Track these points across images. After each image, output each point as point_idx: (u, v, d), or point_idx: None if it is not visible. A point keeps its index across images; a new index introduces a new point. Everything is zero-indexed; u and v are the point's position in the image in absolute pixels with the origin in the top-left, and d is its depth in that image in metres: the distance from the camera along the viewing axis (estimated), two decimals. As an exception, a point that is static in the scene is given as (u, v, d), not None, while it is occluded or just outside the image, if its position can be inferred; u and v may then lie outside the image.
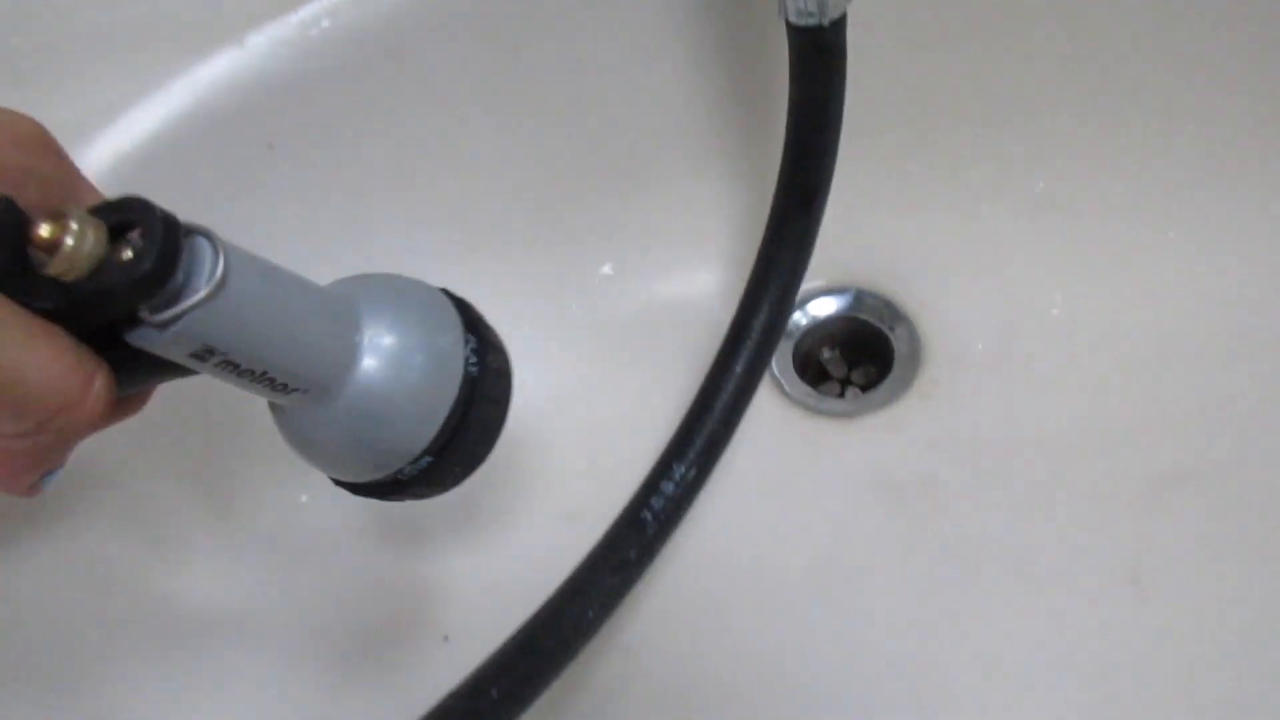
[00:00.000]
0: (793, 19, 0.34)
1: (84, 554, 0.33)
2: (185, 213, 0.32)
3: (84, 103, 0.34)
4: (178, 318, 0.20)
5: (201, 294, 0.20)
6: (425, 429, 0.24)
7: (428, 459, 0.25)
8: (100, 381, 0.21)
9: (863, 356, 0.46)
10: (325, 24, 0.36)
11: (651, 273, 0.44)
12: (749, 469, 0.41)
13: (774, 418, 0.43)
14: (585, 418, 0.43)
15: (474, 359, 0.25)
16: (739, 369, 0.36)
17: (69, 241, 0.19)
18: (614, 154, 0.43)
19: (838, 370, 0.46)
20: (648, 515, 0.34)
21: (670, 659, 0.38)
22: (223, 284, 0.20)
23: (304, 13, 0.36)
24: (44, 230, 0.19)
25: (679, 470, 0.35)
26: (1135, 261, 0.42)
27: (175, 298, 0.20)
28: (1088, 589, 0.38)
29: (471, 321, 0.26)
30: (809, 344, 0.46)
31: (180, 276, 0.20)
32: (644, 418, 0.41)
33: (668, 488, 0.34)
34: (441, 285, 0.27)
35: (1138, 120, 0.41)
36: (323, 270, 0.34)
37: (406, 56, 0.37)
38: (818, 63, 0.35)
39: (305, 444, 0.25)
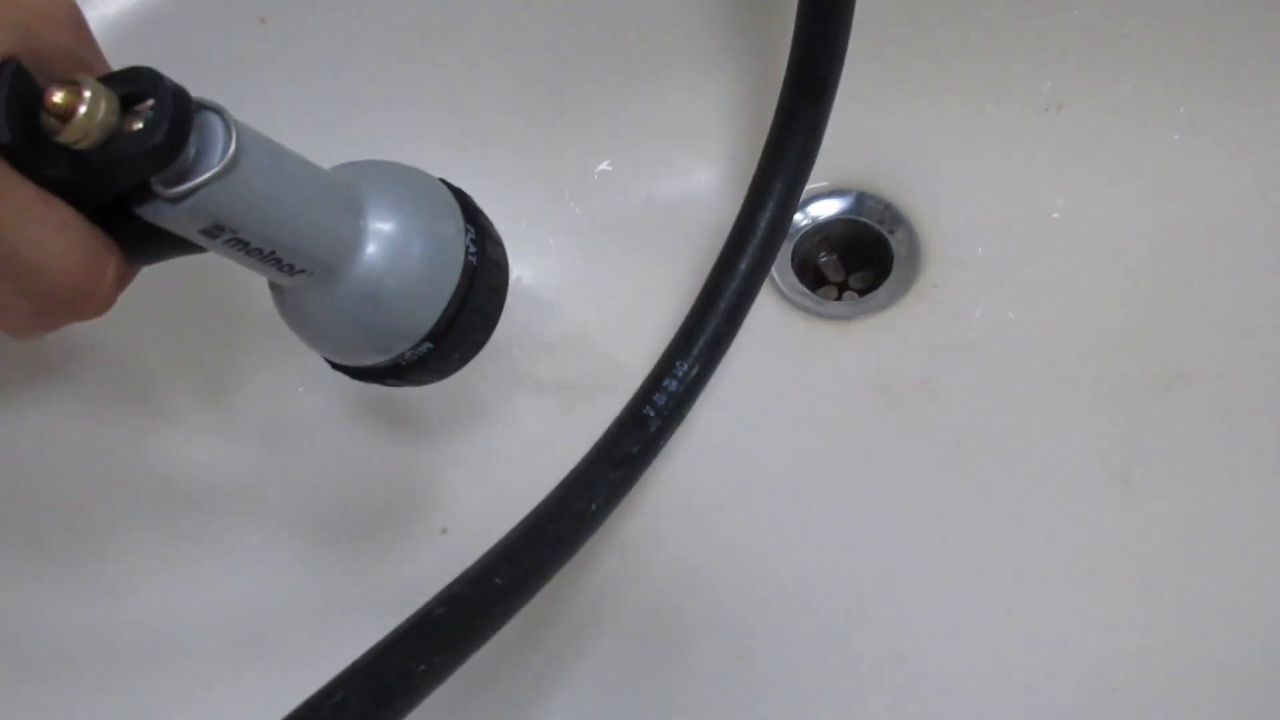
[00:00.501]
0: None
1: (79, 420, 0.32)
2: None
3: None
4: (191, 192, 0.20)
5: (216, 169, 0.20)
6: (426, 314, 0.25)
7: (427, 345, 0.25)
8: (112, 271, 0.21)
9: (861, 261, 0.45)
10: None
11: (653, 167, 0.43)
12: (746, 370, 0.41)
13: (772, 320, 0.42)
14: (585, 312, 0.42)
15: (473, 248, 0.25)
16: (744, 266, 0.35)
17: (82, 109, 0.19)
18: (617, 44, 0.41)
19: (835, 274, 0.46)
20: (650, 411, 0.33)
21: (666, 556, 0.38)
22: (235, 160, 0.20)
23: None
24: (57, 97, 0.19)
25: (682, 367, 0.34)
26: (1138, 164, 0.41)
27: (188, 172, 0.20)
28: (1078, 488, 0.38)
29: (470, 211, 0.26)
30: (807, 247, 0.45)
31: (192, 150, 0.20)
32: (644, 313, 0.40)
33: (671, 385, 0.34)
34: (437, 172, 0.27)
35: (1146, 20, 0.40)
36: (315, 153, 0.32)
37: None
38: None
39: (306, 325, 0.25)
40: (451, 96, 0.40)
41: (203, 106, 0.21)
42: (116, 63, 0.22)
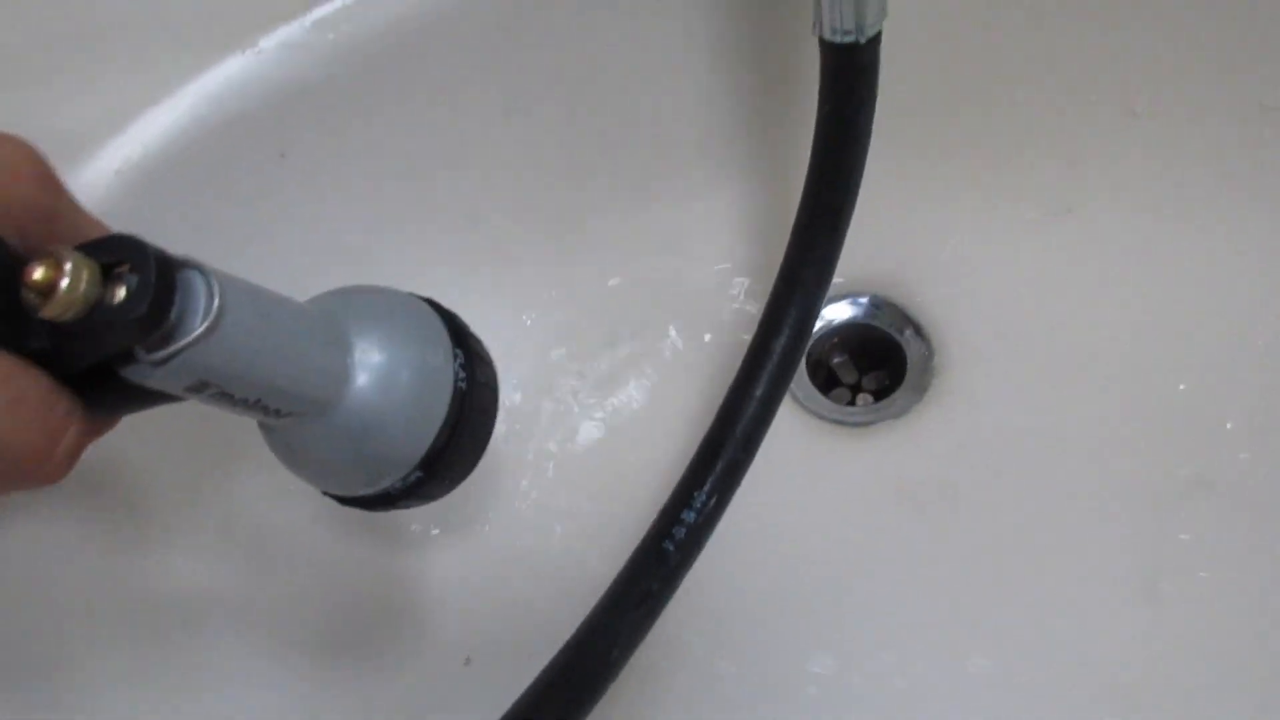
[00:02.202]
0: (827, 36, 0.32)
1: (55, 535, 0.31)
2: (196, 221, 0.30)
3: (92, 109, 0.32)
4: (173, 355, 0.19)
5: (197, 331, 0.19)
6: (415, 446, 0.24)
7: (418, 473, 0.24)
8: (70, 439, 0.20)
9: (875, 363, 0.45)
10: (342, 27, 0.34)
11: (668, 283, 0.42)
12: (765, 482, 0.40)
13: (790, 428, 0.42)
14: (597, 430, 0.41)
15: (462, 373, 0.25)
16: (759, 392, 0.34)
17: (63, 283, 0.18)
18: (630, 161, 0.40)
19: (849, 376, 0.45)
20: (669, 545, 0.32)
21: (694, 683, 0.37)
22: (218, 320, 0.20)
23: (317, 15, 0.34)
24: (37, 273, 0.18)
25: (700, 498, 0.33)
26: (1154, 265, 0.41)
27: (170, 336, 0.19)
28: (1104, 598, 0.37)
29: (459, 334, 0.25)
30: (820, 349, 0.45)
31: (175, 314, 0.19)
32: (658, 432, 0.39)
33: (689, 517, 0.33)
34: (450, 293, 0.26)
35: (1158, 124, 0.39)
36: (336, 279, 0.32)
37: (421, 61, 0.35)
38: (850, 81, 0.32)
39: (295, 462, 0.25)
40: (465, 217, 0.40)
41: (185, 266, 0.20)
42: (141, 203, 0.21)
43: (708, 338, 0.41)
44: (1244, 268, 0.40)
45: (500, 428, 0.26)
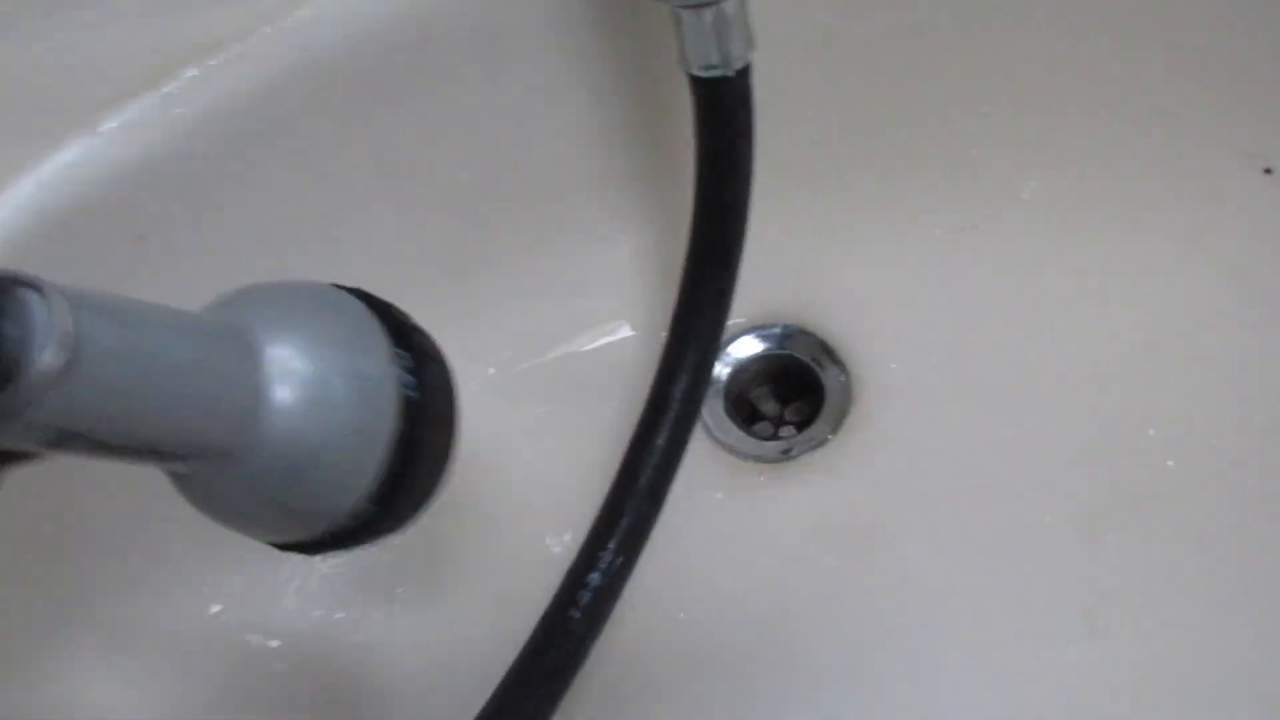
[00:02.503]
0: (694, 70, 0.30)
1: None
2: None
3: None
4: (18, 407, 0.15)
5: (42, 370, 0.15)
6: (359, 476, 0.19)
7: (370, 508, 0.20)
8: None
9: (795, 392, 0.43)
10: (190, 100, 0.32)
11: (566, 328, 0.41)
12: (683, 526, 0.38)
13: (706, 467, 0.40)
14: (501, 479, 0.39)
15: (409, 378, 0.20)
16: (661, 441, 0.33)
17: None
18: (524, 206, 0.39)
19: (771, 409, 0.44)
20: (575, 613, 0.31)
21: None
22: (74, 354, 0.15)
23: (165, 90, 0.32)
24: None
25: (605, 558, 0.31)
26: (1068, 285, 0.40)
27: (7, 376, 0.15)
28: (1041, 631, 0.35)
29: (400, 329, 0.21)
30: (738, 383, 0.43)
31: (10, 349, 0.15)
32: (562, 479, 0.38)
33: (594, 579, 0.31)
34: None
35: (1066, 142, 0.39)
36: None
37: (282, 129, 0.33)
38: (724, 114, 0.31)
39: (217, 512, 0.20)
40: (356, 278, 0.38)
41: (17, 284, 0.15)
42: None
43: (612, 386, 0.39)
44: (1152, 281, 0.39)
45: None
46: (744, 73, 0.30)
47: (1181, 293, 0.39)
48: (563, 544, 0.37)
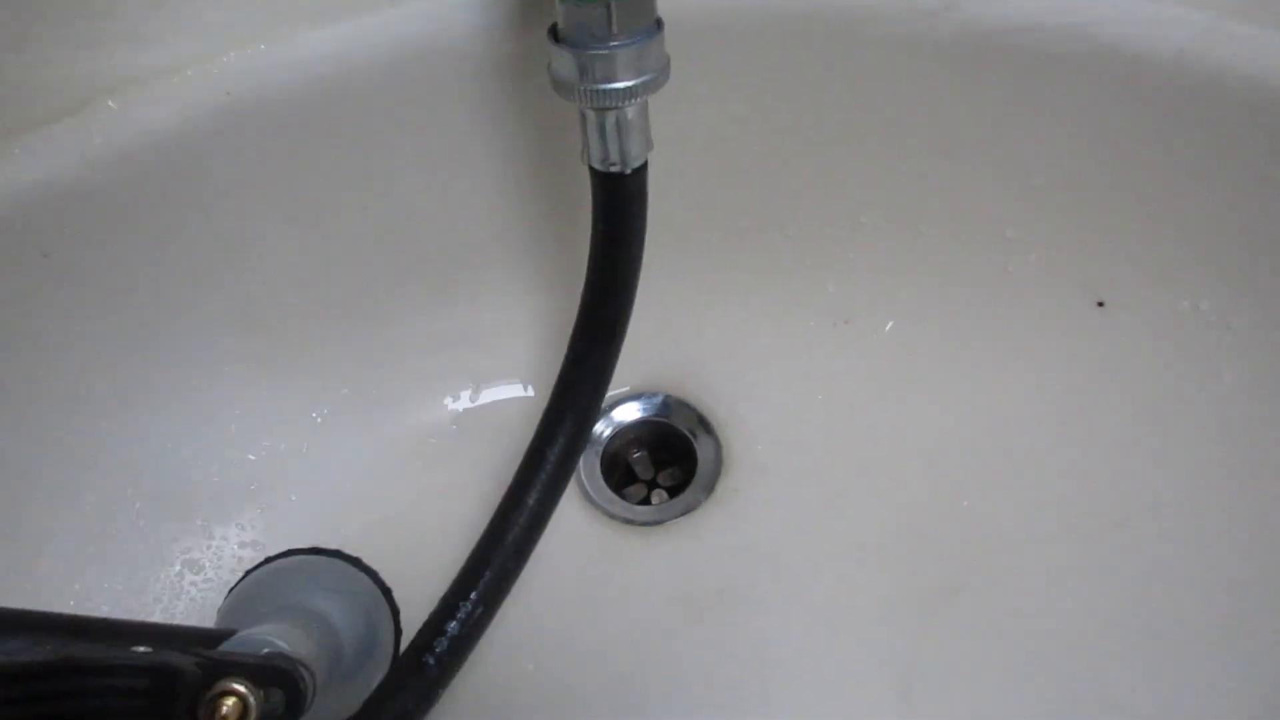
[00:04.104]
0: (595, 165, 0.32)
1: None
2: None
3: None
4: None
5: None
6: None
7: None
8: None
9: (671, 458, 0.45)
10: (107, 132, 0.32)
11: (464, 382, 0.42)
12: (549, 582, 0.40)
13: (578, 525, 0.41)
14: (391, 530, 0.40)
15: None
16: (531, 501, 0.34)
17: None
18: (425, 265, 0.40)
19: (645, 472, 0.45)
20: (429, 659, 0.31)
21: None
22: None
23: (84, 120, 0.32)
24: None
25: (464, 608, 0.32)
26: (917, 387, 0.42)
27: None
28: (861, 700, 0.37)
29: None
30: (617, 445, 0.45)
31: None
32: (451, 532, 0.39)
33: (452, 627, 0.32)
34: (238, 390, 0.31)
35: (925, 257, 0.41)
36: (109, 382, 0.31)
37: (196, 167, 0.34)
38: (619, 206, 0.33)
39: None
40: (254, 320, 0.38)
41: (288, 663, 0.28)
42: None
43: (500, 441, 0.40)
44: (986, 392, 0.42)
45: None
46: (640, 170, 0.32)
47: (1011, 405, 0.41)
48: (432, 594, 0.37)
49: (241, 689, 0.24)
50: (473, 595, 0.33)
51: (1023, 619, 0.38)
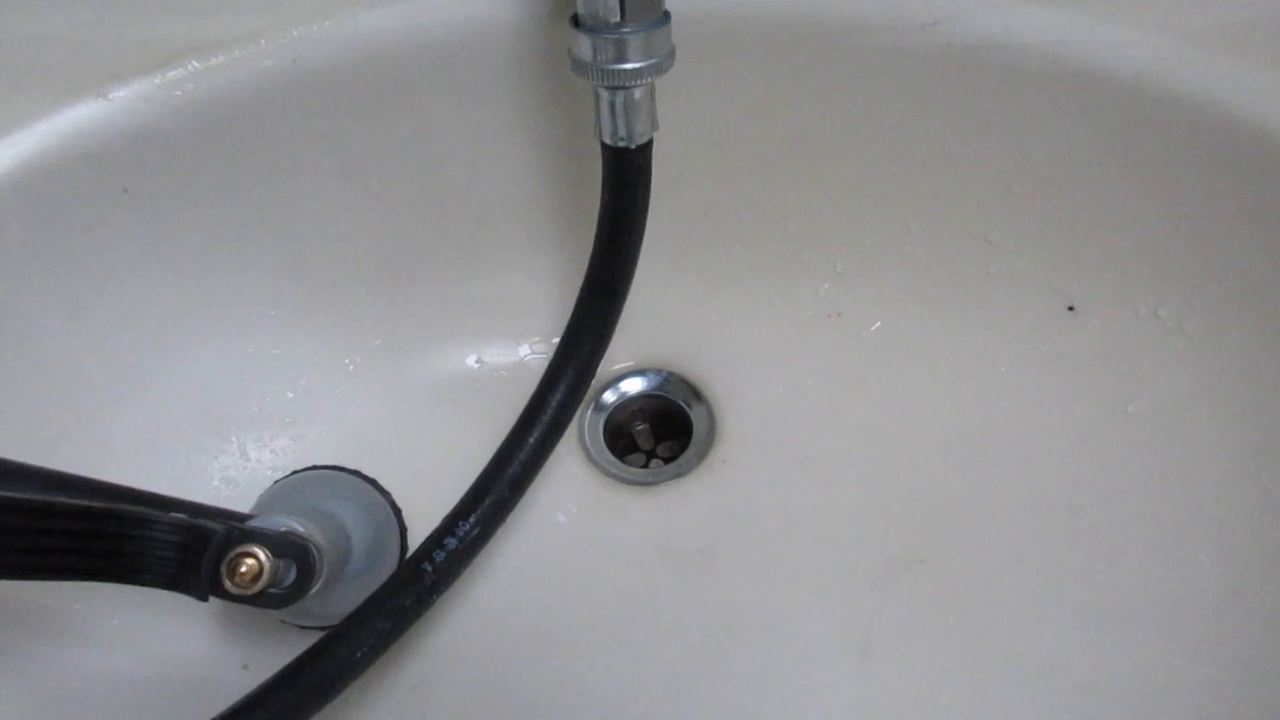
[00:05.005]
0: (605, 140, 0.36)
1: None
2: (37, 244, 0.34)
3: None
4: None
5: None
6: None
7: None
8: None
9: (670, 432, 0.48)
10: (189, 86, 0.37)
11: (485, 339, 0.46)
12: (547, 526, 0.43)
13: (578, 482, 0.45)
14: (409, 464, 0.44)
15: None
16: (531, 440, 0.37)
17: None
18: (454, 230, 0.44)
19: (646, 443, 0.48)
20: (428, 567, 0.35)
21: (453, 699, 0.39)
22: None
23: (169, 75, 0.37)
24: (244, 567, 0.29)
25: (464, 527, 0.36)
26: (896, 379, 0.45)
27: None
28: (821, 655, 0.40)
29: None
30: (621, 417, 0.48)
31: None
32: (461, 473, 0.42)
33: (450, 543, 0.35)
34: (274, 333, 0.35)
35: (910, 260, 0.44)
36: (168, 305, 0.35)
37: (261, 123, 0.38)
38: (625, 178, 0.36)
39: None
40: (301, 269, 0.42)
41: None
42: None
43: (513, 391, 0.44)
44: (961, 386, 0.44)
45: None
46: (645, 147, 0.36)
47: (984, 398, 0.44)
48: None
49: (261, 554, 0.28)
50: (471, 518, 0.36)
51: (976, 589, 0.40)
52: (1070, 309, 0.42)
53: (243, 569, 0.27)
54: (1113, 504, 0.40)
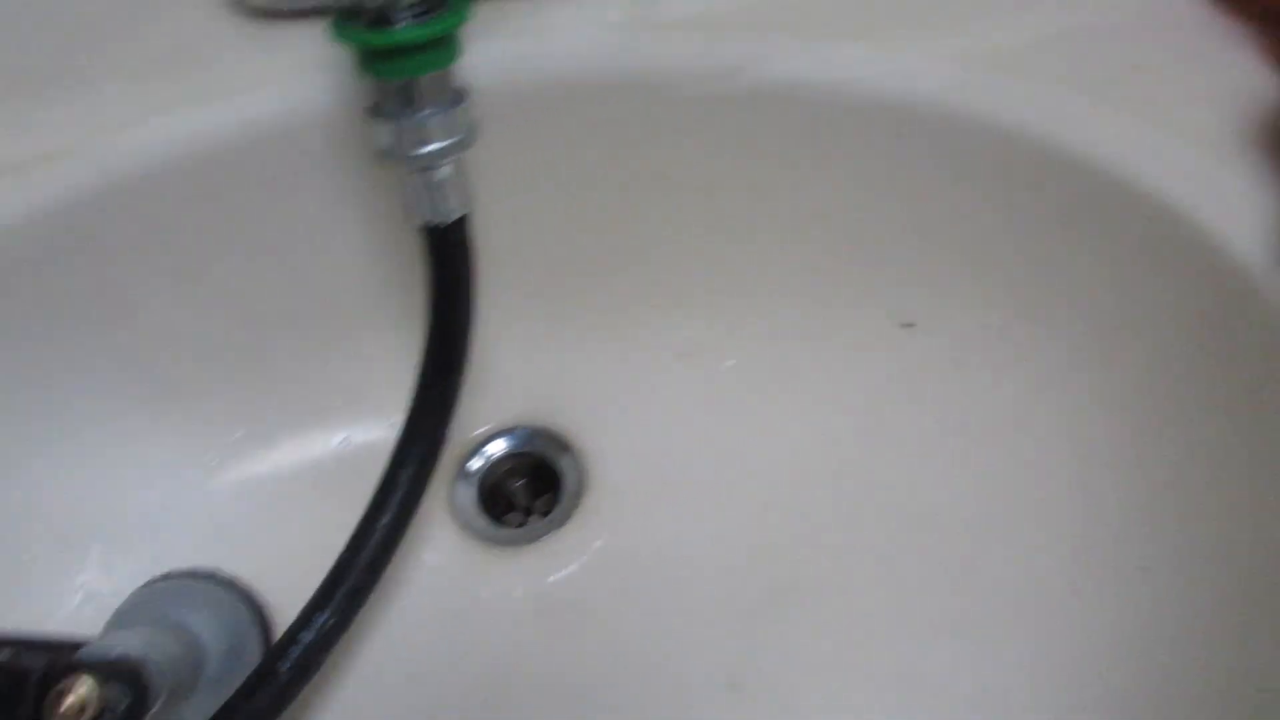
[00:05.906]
0: (418, 222, 0.36)
1: None
2: None
3: None
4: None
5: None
6: None
7: None
8: None
9: (547, 485, 0.48)
10: (4, 204, 0.36)
11: (341, 424, 0.45)
12: (421, 603, 0.43)
13: (452, 552, 0.44)
14: (279, 557, 0.43)
15: None
16: (383, 521, 0.37)
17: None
18: (307, 315, 0.44)
19: (523, 499, 0.48)
20: (284, 665, 0.34)
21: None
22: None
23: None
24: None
25: (319, 619, 0.35)
26: (746, 411, 0.45)
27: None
28: (694, 692, 0.40)
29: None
30: (495, 478, 0.48)
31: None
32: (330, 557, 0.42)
33: (306, 637, 0.35)
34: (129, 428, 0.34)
35: (749, 292, 0.45)
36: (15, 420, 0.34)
37: (88, 236, 0.38)
38: (444, 255, 0.36)
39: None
40: (147, 370, 0.42)
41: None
42: None
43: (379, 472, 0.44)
44: (825, 398, 0.45)
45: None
46: (459, 222, 0.36)
47: (834, 423, 0.45)
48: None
49: (84, 686, 0.27)
50: (327, 609, 0.36)
51: (845, 611, 0.41)
52: (909, 326, 0.43)
53: (63, 707, 0.27)
54: (958, 510, 0.41)
